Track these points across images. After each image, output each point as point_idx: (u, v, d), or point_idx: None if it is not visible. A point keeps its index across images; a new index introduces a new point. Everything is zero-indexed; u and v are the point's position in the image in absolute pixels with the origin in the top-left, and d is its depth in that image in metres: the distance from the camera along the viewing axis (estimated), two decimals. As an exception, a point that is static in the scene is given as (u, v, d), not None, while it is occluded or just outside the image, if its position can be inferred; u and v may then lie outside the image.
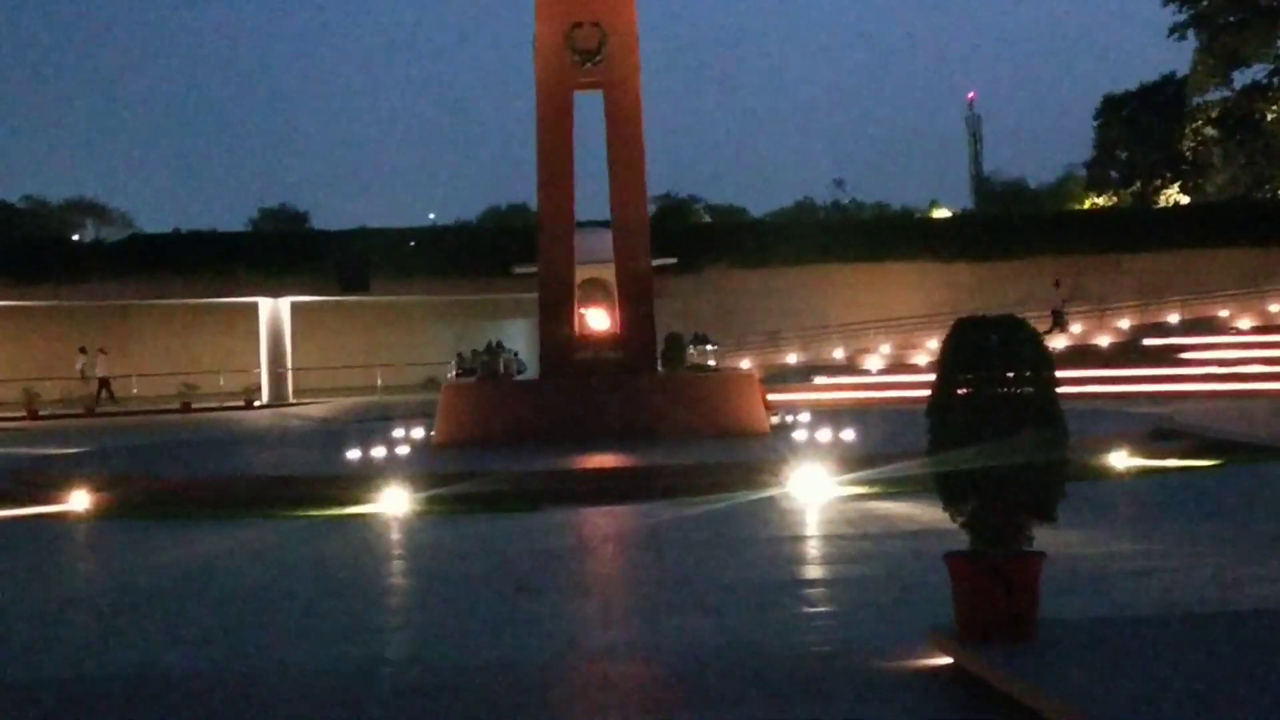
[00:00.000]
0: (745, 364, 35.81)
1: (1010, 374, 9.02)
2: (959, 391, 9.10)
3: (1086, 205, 77.07)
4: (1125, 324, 49.99)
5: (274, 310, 54.22)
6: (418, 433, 28.58)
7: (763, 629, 11.51)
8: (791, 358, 49.42)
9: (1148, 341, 47.85)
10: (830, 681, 9.48)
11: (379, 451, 25.21)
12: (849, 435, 25.92)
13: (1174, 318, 49.74)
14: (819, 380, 45.96)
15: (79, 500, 20.93)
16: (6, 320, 52.72)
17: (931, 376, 9.52)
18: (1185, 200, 69.88)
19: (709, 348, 30.95)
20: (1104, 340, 48.55)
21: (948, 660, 9.27)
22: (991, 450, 8.91)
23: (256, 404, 52.14)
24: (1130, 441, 23.12)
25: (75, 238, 75.16)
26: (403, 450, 25.94)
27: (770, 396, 31.04)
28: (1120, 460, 21.82)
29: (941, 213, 74.98)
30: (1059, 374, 9.33)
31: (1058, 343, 46.04)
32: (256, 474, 25.14)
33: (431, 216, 74.06)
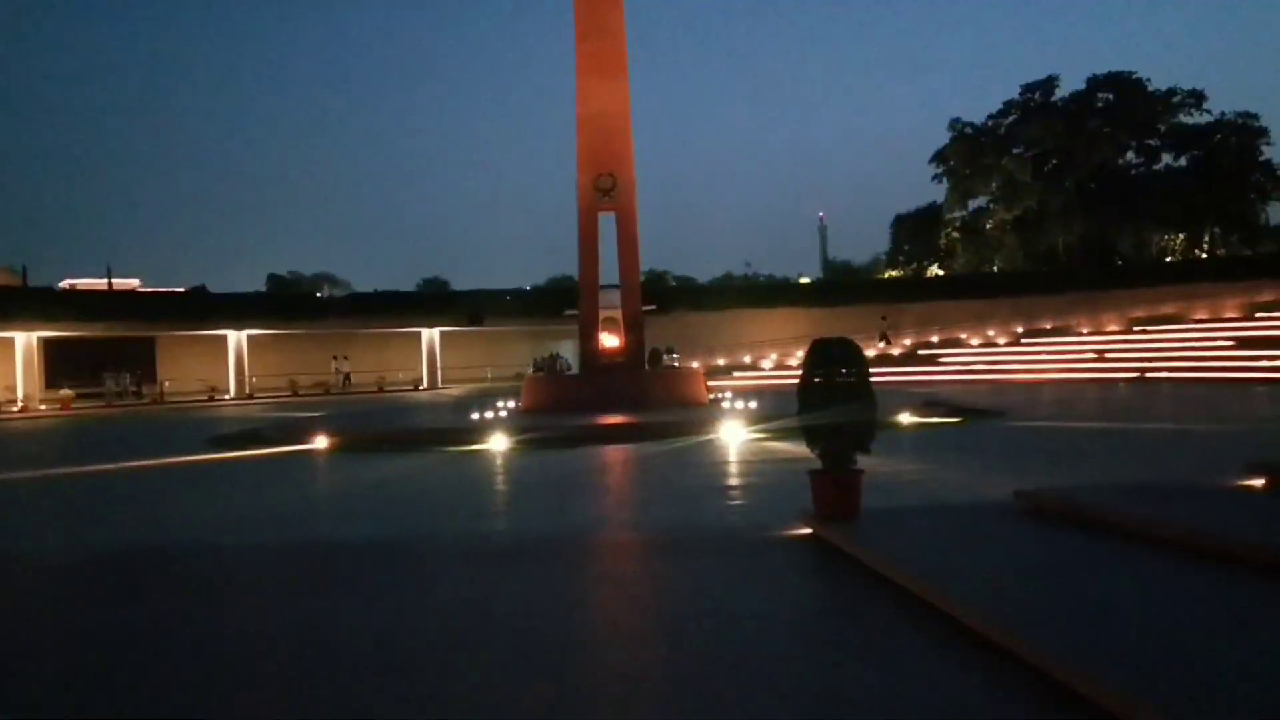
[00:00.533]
0: (694, 364, 35.66)
1: (843, 369, 9.07)
2: (815, 379, 9.17)
3: (887, 276, 77.08)
4: (908, 342, 50.01)
5: (430, 336, 54.10)
6: (511, 403, 28.47)
7: (702, 513, 11.51)
8: (720, 361, 49.40)
9: (921, 352, 47.96)
10: (740, 542, 9.53)
11: (489, 414, 25.13)
12: (753, 404, 25.82)
13: (935, 339, 49.80)
14: (736, 374, 46.06)
15: (320, 442, 20.86)
16: (280, 342, 52.49)
17: (799, 371, 9.49)
18: (941, 273, 70.02)
19: (674, 356, 30.91)
20: (896, 351, 48.63)
21: (809, 530, 9.27)
22: (833, 412, 8.96)
23: (420, 388, 52.01)
24: (911, 408, 23.07)
25: (319, 294, 74.86)
26: (503, 413, 25.85)
27: (709, 383, 31.01)
28: (906, 418, 21.83)
29: (804, 280, 74.96)
30: (872, 369, 9.48)
31: (870, 351, 46.35)
32: (420, 426, 25.05)
33: (515, 286, 72.91)
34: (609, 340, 28.50)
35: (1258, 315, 41.84)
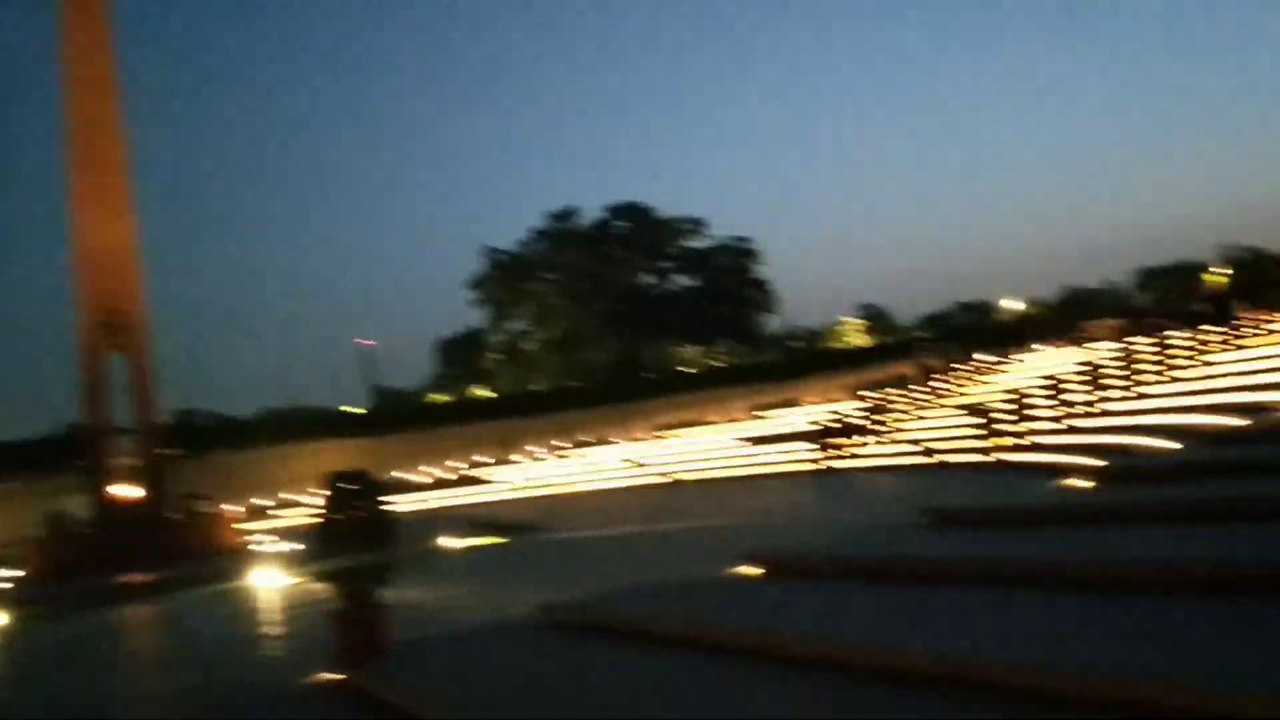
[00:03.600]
0: (229, 508, 32.86)
1: (359, 503, 8.94)
2: (335, 517, 8.94)
3: (431, 400, 77.42)
4: (458, 465, 49.56)
5: None
6: (18, 572, 24.62)
7: (227, 671, 10.77)
8: (269, 501, 45.97)
9: (463, 472, 47.73)
10: (266, 697, 9.21)
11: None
12: (298, 546, 24.29)
13: (490, 460, 49.70)
14: (285, 513, 43.36)
15: None
16: None
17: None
18: (488, 394, 71.72)
19: (204, 501, 28.55)
20: (447, 475, 48.18)
21: (343, 676, 8.87)
22: (355, 549, 8.80)
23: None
24: (458, 530, 23.08)
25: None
26: (6, 584, 22.47)
27: (247, 525, 29.32)
28: (451, 541, 21.73)
29: (353, 410, 73.02)
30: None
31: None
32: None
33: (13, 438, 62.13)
34: (127, 491, 26.06)
35: (756, 415, 47.12)
